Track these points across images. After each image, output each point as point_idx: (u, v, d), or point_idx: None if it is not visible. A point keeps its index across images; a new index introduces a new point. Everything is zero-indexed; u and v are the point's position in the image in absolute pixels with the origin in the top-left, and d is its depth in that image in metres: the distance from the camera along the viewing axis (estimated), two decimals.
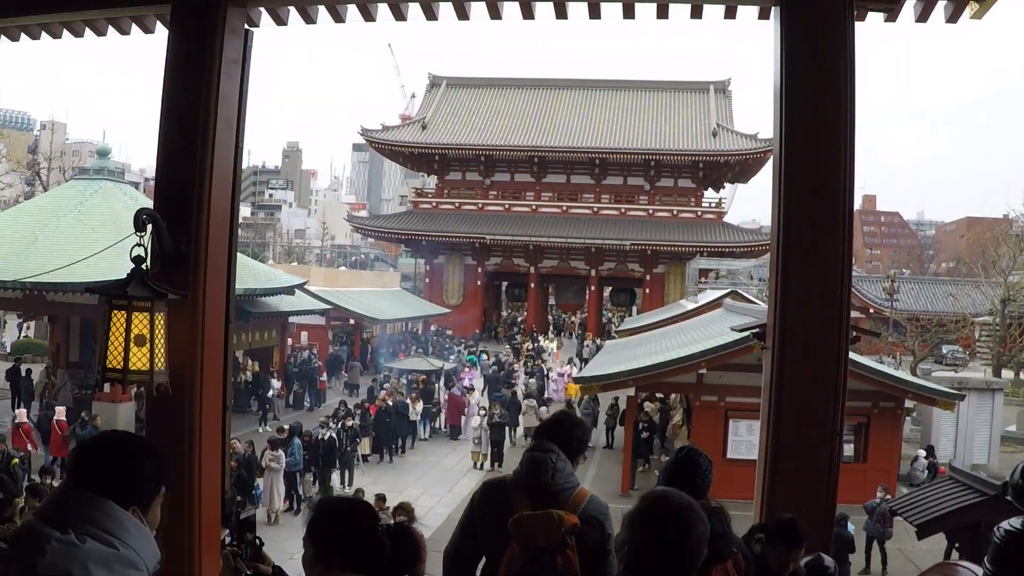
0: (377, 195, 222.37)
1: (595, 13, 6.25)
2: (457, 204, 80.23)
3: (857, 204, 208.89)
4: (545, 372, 47.91)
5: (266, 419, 35.61)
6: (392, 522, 6.51)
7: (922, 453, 30.48)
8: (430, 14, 6.35)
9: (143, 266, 5.13)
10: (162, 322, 5.13)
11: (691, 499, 3.20)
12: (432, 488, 28.32)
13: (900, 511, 17.36)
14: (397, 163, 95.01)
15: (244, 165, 7.00)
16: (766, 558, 5.28)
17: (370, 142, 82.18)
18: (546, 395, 42.04)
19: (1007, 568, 2.95)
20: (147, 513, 3.15)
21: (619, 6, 6.15)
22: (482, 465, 31.58)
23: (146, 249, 5.21)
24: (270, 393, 37.38)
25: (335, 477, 26.88)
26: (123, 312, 5.04)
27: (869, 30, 6.04)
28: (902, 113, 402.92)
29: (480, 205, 79.90)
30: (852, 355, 28.34)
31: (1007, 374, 52.08)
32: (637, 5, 6.14)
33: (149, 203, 6.82)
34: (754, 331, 23.90)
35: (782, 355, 5.14)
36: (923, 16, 6.50)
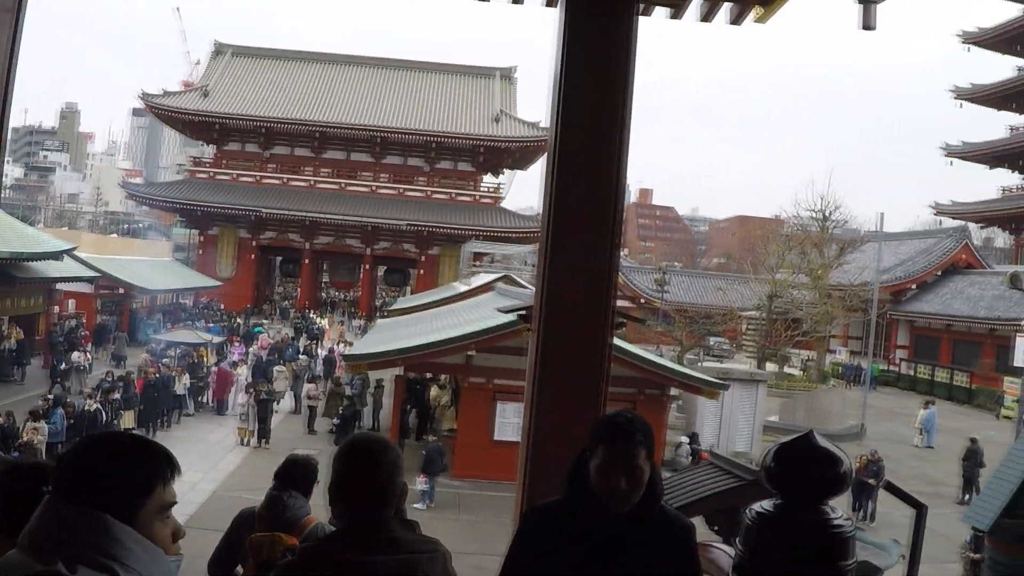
0: (155, 162, 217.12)
1: None
2: (234, 175, 78.99)
3: (633, 197, 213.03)
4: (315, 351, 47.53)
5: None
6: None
7: (686, 440, 31.23)
8: None
9: None
10: None
11: (383, 437, 3.66)
12: (197, 463, 27.78)
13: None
14: (176, 130, 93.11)
15: (18, 123, 6.71)
16: None
17: (150, 107, 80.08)
18: (316, 372, 41.75)
19: (756, 548, 3.06)
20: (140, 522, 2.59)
21: None
22: (248, 441, 31.15)
23: None
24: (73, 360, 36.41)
25: None
26: None
27: (654, 26, 6.15)
28: (686, 110, 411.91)
29: (258, 178, 78.88)
30: (619, 342, 28.91)
31: (770, 366, 53.82)
32: None
33: None
34: (520, 313, 24.20)
35: (547, 338, 5.20)
36: (707, 16, 6.65)
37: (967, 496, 30.27)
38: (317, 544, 3.52)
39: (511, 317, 25.86)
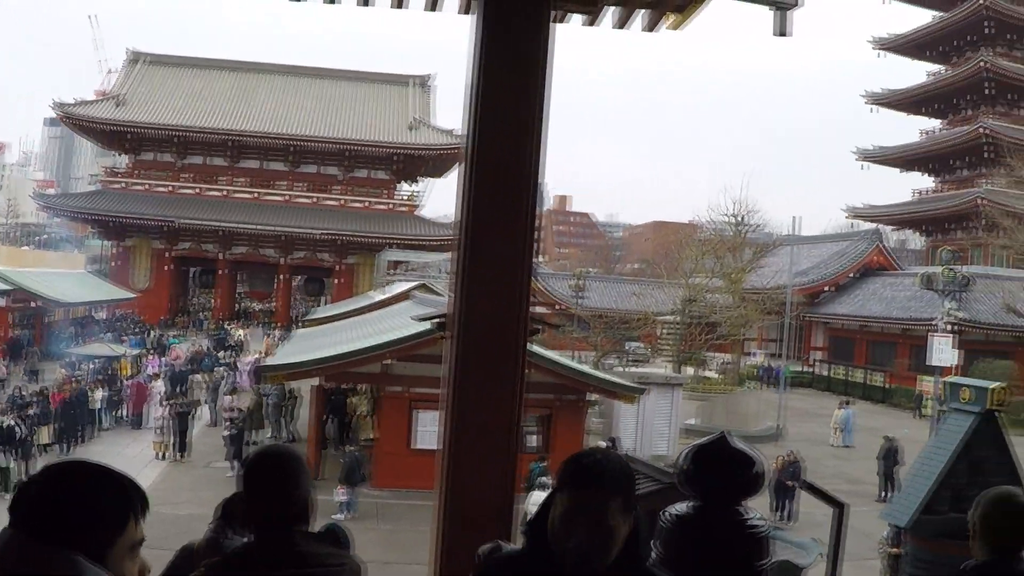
0: (68, 173, 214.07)
1: None
2: (149, 186, 78.27)
3: (550, 204, 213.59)
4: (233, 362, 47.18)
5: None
6: None
7: (605, 444, 31.35)
8: None
9: None
10: None
11: (289, 449, 3.55)
12: None
13: None
14: (91, 141, 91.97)
15: None
16: None
17: (63, 117, 78.91)
18: (234, 383, 41.42)
19: (672, 549, 3.07)
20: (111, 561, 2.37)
21: None
22: (165, 455, 30.87)
23: None
24: None
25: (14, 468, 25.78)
26: None
27: (570, 33, 6.17)
28: (603, 117, 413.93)
29: (172, 188, 78.22)
30: (537, 348, 28.99)
31: (688, 370, 54.18)
32: None
33: None
34: (436, 321, 24.19)
35: (463, 346, 5.19)
36: (621, 23, 6.68)
37: (886, 494, 30.67)
38: (223, 560, 3.45)
39: (428, 325, 25.84)
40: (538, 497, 22.47)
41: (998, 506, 3.89)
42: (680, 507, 3.12)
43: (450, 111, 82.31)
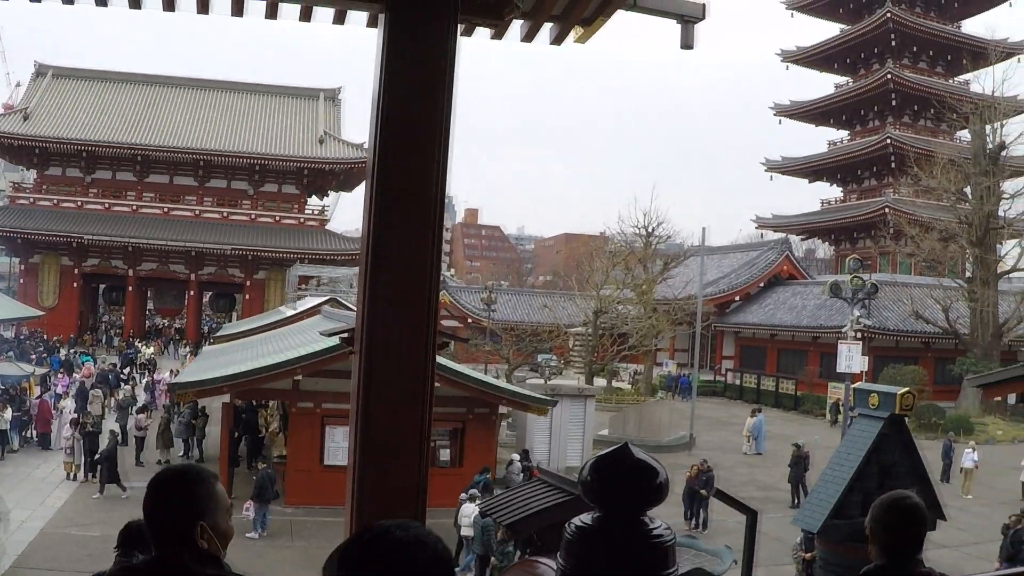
0: None
1: (203, 8, 6.13)
2: (56, 201, 77.04)
3: (460, 217, 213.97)
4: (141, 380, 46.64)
5: None
6: None
7: (517, 457, 31.35)
8: None
9: None
10: None
11: (185, 468, 3.38)
12: (24, 501, 27.06)
13: (491, 512, 17.85)
14: None
15: None
16: None
17: None
18: (147, 401, 40.97)
19: (575, 560, 3.07)
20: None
21: (227, 3, 6.04)
22: (75, 475, 30.44)
23: None
24: None
25: None
26: None
27: (478, 46, 6.16)
28: (511, 130, 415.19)
29: (79, 203, 77.11)
30: (447, 362, 29.06)
31: (599, 381, 54.47)
32: (247, 2, 6.04)
33: None
34: (343, 336, 24.13)
35: (370, 360, 5.15)
36: (528, 36, 6.70)
37: (797, 500, 31.00)
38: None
39: (335, 341, 25.75)
40: (468, 509, 22.49)
41: (891, 510, 3.94)
42: (584, 519, 3.12)
43: (361, 125, 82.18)
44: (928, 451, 19.57)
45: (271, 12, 6.23)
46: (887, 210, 75.52)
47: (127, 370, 50.12)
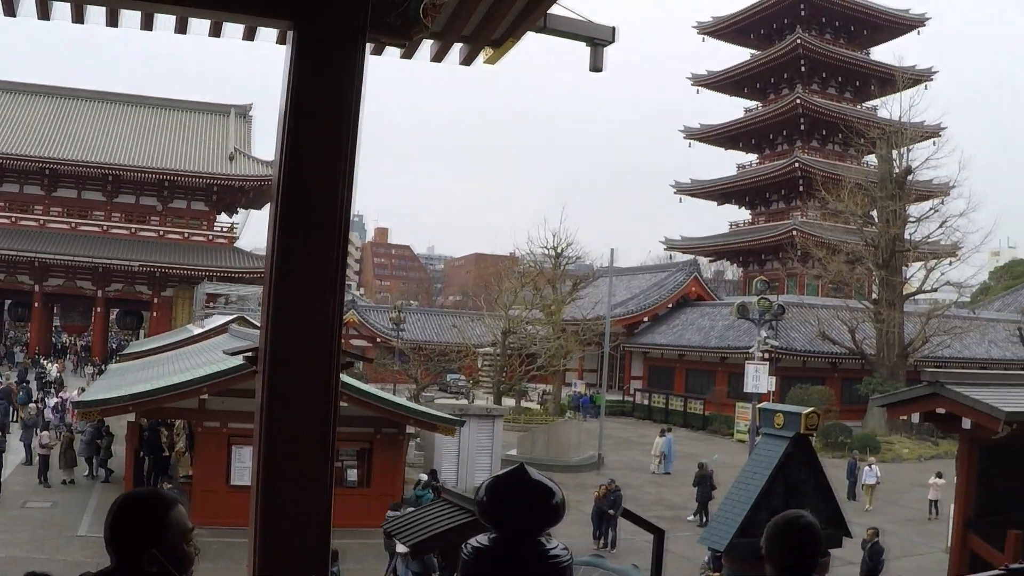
0: None
1: (112, 20, 6.06)
2: None
3: (370, 236, 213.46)
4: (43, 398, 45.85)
5: None
6: None
7: (425, 477, 31.28)
8: None
9: None
10: None
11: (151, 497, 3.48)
12: None
13: (395, 532, 17.77)
14: None
15: None
16: None
17: None
18: (53, 420, 40.30)
19: None
20: None
21: (137, 15, 5.98)
22: None
23: None
24: None
25: None
26: None
27: (389, 66, 6.15)
28: (423, 149, 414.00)
29: None
30: (355, 382, 28.94)
31: (508, 401, 54.54)
32: (158, 16, 5.98)
33: None
34: (247, 354, 23.94)
35: (273, 379, 5.11)
36: (438, 56, 6.72)
37: (703, 519, 31.20)
38: None
39: (241, 359, 25.53)
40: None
41: (783, 529, 3.99)
42: (481, 539, 3.12)
43: (273, 142, 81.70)
44: (835, 469, 19.82)
45: (181, 27, 6.18)
46: (795, 233, 76.33)
47: (34, 388, 49.27)
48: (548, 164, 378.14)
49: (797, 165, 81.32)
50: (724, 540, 16.04)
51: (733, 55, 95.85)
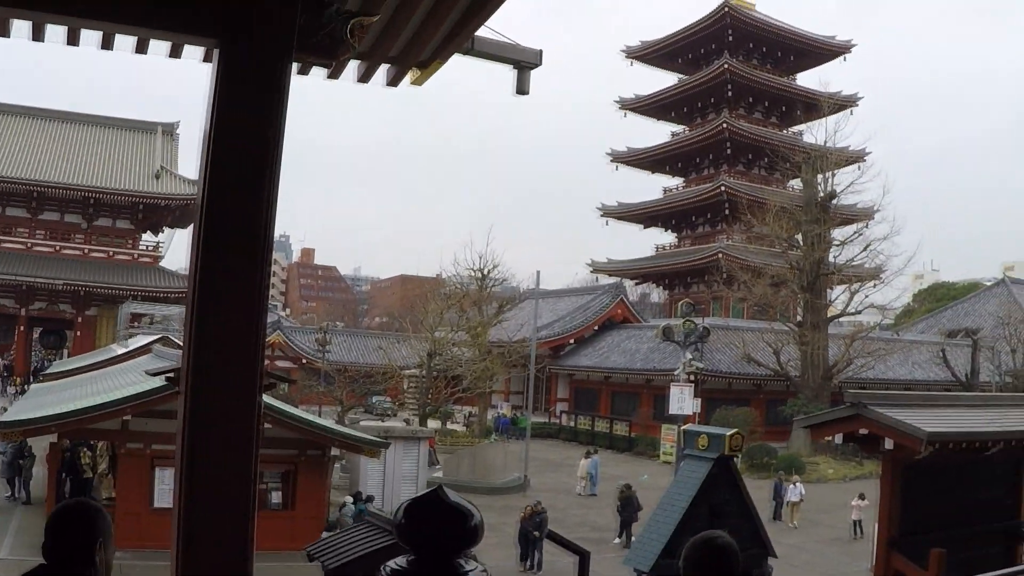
0: None
1: (38, 35, 6.00)
2: None
3: (295, 257, 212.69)
4: None
5: None
6: None
7: (350, 499, 31.13)
8: None
9: None
10: None
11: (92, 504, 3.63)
12: None
13: (316, 555, 17.66)
14: None
15: None
16: None
17: None
18: None
19: None
20: None
21: (62, 30, 5.92)
22: None
23: None
24: None
25: None
26: None
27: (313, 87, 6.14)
28: (349, 170, 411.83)
29: None
30: (280, 404, 28.78)
31: (433, 423, 54.45)
32: (84, 32, 5.92)
33: None
34: (168, 375, 23.73)
35: (195, 400, 5.07)
36: (364, 77, 6.72)
37: (627, 540, 31.28)
38: None
39: (162, 380, 25.28)
40: None
41: (699, 550, 4.03)
42: (399, 562, 3.12)
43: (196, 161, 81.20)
44: (760, 491, 19.95)
45: (106, 43, 6.13)
46: (720, 256, 77.03)
47: None
48: (476, 186, 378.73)
49: (722, 189, 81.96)
50: (649, 561, 16.12)
51: (663, 79, 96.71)
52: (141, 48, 6.24)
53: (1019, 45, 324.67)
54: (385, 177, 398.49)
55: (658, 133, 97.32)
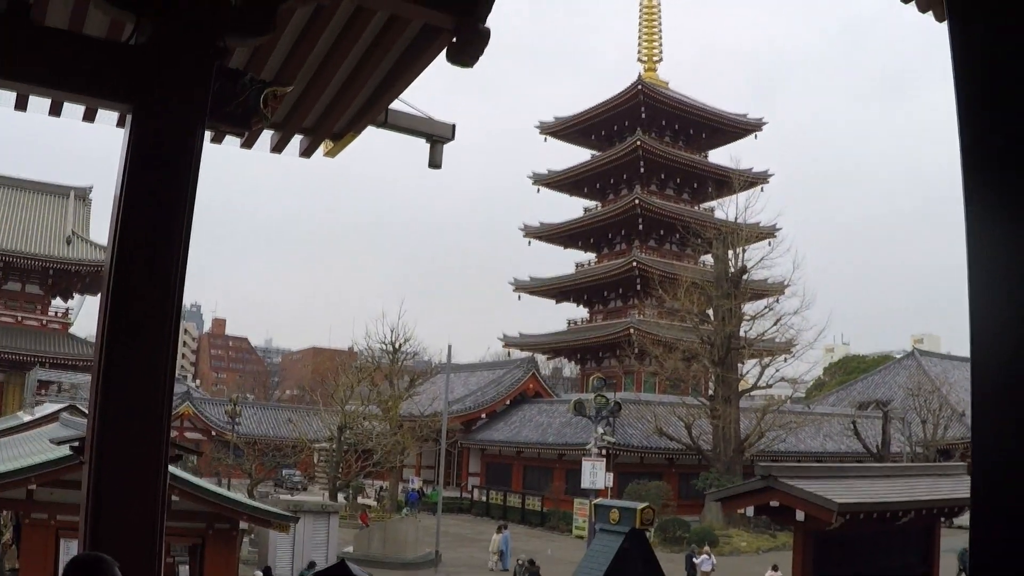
0: None
1: None
2: None
3: (207, 327, 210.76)
4: None
5: None
6: None
7: (259, 574, 30.74)
8: None
9: None
10: None
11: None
12: None
13: None
14: None
15: None
16: None
17: None
18: None
19: None
20: None
21: None
22: None
23: None
24: None
25: None
26: None
27: (225, 156, 6.12)
28: (261, 241, 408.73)
29: None
30: (187, 476, 28.41)
31: (343, 497, 54.00)
32: None
33: None
34: (73, 444, 23.36)
35: (100, 470, 4.99)
36: (278, 147, 6.73)
37: None
38: None
39: (67, 449, 24.89)
40: None
41: None
42: None
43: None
44: (672, 564, 19.95)
45: (21, 104, 6.09)
46: (632, 331, 77.34)
47: None
48: (389, 259, 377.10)
49: (635, 264, 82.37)
50: None
51: (575, 155, 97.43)
52: (55, 111, 6.20)
53: (911, 131, 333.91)
54: (297, 247, 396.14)
55: (572, 207, 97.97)
